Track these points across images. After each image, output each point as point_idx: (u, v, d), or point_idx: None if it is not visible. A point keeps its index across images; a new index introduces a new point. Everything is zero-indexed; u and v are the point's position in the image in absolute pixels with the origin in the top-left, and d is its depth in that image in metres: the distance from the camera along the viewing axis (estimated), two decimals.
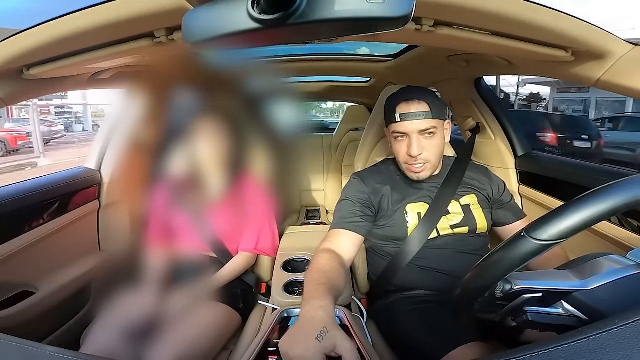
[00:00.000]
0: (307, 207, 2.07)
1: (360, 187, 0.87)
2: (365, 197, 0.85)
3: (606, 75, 0.63)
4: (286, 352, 0.45)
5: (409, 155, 0.80)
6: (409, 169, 0.83)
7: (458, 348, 0.60)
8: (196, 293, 0.83)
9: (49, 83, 0.78)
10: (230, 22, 0.35)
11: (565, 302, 0.42)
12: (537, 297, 0.43)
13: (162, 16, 0.49)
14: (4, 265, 0.87)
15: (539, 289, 0.43)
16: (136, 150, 0.65)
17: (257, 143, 0.71)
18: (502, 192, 0.89)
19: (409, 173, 0.83)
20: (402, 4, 0.34)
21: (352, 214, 0.83)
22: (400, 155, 0.83)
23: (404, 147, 0.81)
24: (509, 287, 0.43)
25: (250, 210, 0.94)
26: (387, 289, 0.88)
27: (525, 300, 0.44)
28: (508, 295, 0.44)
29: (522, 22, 0.52)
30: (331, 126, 2.54)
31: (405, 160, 0.82)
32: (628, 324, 0.27)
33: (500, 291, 0.44)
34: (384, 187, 0.86)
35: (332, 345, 0.44)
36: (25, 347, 0.33)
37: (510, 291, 0.43)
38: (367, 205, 0.85)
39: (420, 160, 0.79)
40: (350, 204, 0.85)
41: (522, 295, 0.43)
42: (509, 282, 0.43)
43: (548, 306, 0.44)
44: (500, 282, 0.44)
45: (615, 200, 0.37)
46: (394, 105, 0.80)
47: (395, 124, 0.80)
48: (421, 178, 0.83)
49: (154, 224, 0.84)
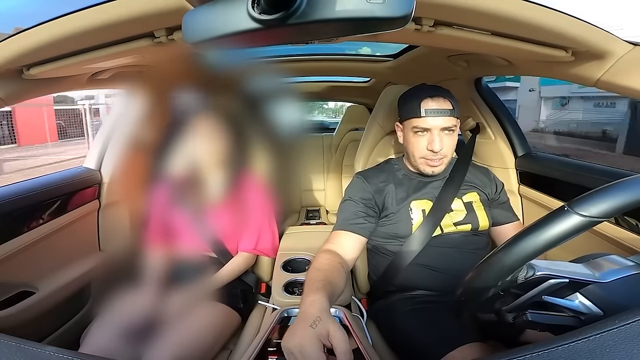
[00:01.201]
0: (307, 207, 2.07)
1: (363, 186, 0.87)
2: (368, 197, 0.85)
3: (606, 75, 0.63)
4: (286, 346, 0.46)
5: (429, 150, 0.80)
6: (425, 164, 0.83)
7: (458, 348, 0.60)
8: (196, 293, 0.83)
9: (49, 83, 0.78)
10: (230, 22, 0.35)
11: (581, 294, 0.41)
12: (562, 283, 0.41)
13: (162, 16, 0.49)
14: (3, 265, 0.87)
15: (564, 275, 0.41)
16: (136, 150, 0.65)
17: (257, 143, 0.72)
18: (499, 191, 0.90)
19: (425, 167, 0.83)
20: (402, 4, 0.34)
21: (355, 215, 0.82)
22: (417, 150, 0.82)
23: (423, 142, 0.81)
24: (532, 273, 0.42)
25: (251, 210, 0.94)
26: (387, 289, 0.88)
27: (547, 288, 0.42)
28: (529, 282, 0.42)
29: (522, 22, 0.52)
30: (331, 126, 2.53)
31: (424, 155, 0.82)
32: (628, 324, 0.27)
33: (524, 276, 0.42)
34: (388, 185, 0.86)
35: (325, 330, 0.46)
36: (25, 347, 0.33)
37: (533, 276, 0.42)
38: (371, 206, 0.85)
39: (439, 155, 0.80)
40: (354, 205, 0.84)
41: (547, 281, 0.42)
42: (532, 268, 0.42)
43: (563, 298, 0.43)
44: (525, 266, 0.42)
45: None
46: (418, 101, 0.80)
47: (418, 119, 0.80)
48: (436, 172, 0.83)
49: (154, 223, 0.84)
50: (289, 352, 0.45)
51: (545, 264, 0.42)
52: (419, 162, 0.84)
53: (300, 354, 0.44)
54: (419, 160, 0.84)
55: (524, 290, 0.45)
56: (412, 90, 0.86)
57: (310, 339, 0.45)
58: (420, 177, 0.88)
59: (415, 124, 0.81)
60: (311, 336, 0.45)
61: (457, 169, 0.89)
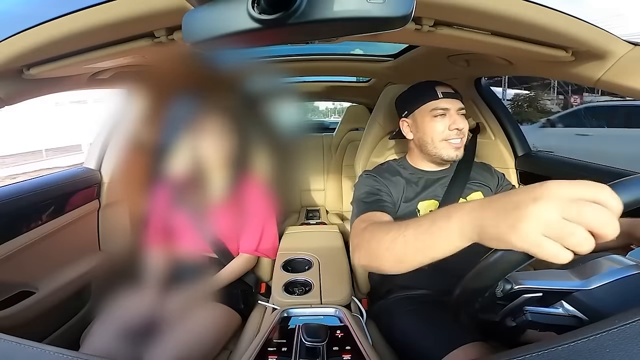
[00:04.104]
0: (307, 207, 2.07)
1: (376, 179, 0.84)
2: (385, 189, 0.82)
3: (606, 75, 0.63)
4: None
5: (452, 130, 0.80)
6: (448, 146, 0.81)
7: (458, 348, 0.60)
8: (196, 294, 0.83)
9: (49, 83, 0.78)
10: (230, 22, 0.35)
11: (566, 302, 0.42)
12: (537, 297, 0.43)
13: (162, 16, 0.49)
14: (3, 265, 0.87)
15: (539, 288, 0.42)
16: (136, 150, 0.65)
17: (257, 143, 0.72)
18: (502, 182, 0.91)
19: (448, 151, 0.81)
20: (402, 4, 0.34)
21: (378, 199, 0.77)
22: (438, 133, 0.81)
23: (444, 123, 0.80)
24: (509, 287, 0.43)
25: (251, 210, 0.94)
26: (387, 289, 0.88)
27: (525, 300, 0.44)
28: (508, 295, 0.43)
29: (522, 22, 0.52)
30: (330, 126, 2.53)
31: (446, 136, 0.81)
32: (628, 324, 0.26)
33: (501, 291, 0.44)
34: (400, 181, 0.85)
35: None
36: (25, 347, 0.33)
37: (511, 291, 0.43)
38: (389, 194, 0.82)
39: (461, 134, 0.80)
40: (370, 194, 0.79)
41: (522, 295, 0.43)
42: (509, 282, 0.43)
43: (548, 306, 0.44)
44: (501, 282, 0.43)
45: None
46: (432, 87, 0.82)
47: (437, 101, 0.80)
48: (457, 157, 0.82)
49: (155, 224, 0.84)
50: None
51: (524, 276, 0.43)
52: (440, 146, 0.82)
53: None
54: (439, 145, 0.82)
55: (508, 302, 0.45)
56: (415, 85, 0.86)
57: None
58: (426, 173, 0.87)
59: (433, 106, 0.81)
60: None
61: (461, 168, 0.88)
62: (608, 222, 0.31)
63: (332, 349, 0.65)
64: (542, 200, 0.33)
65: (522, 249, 0.34)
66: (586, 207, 0.32)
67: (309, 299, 0.87)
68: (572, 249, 0.32)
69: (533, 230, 0.33)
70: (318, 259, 1.04)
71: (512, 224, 0.34)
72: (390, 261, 0.51)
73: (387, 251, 0.51)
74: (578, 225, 0.31)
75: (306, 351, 0.64)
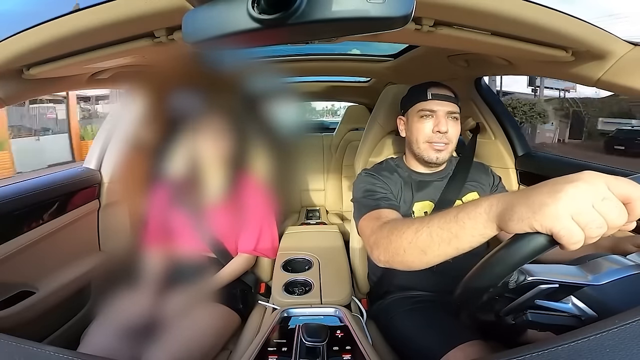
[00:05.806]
0: (307, 207, 2.07)
1: (376, 178, 0.84)
2: (386, 187, 0.82)
3: (606, 75, 0.63)
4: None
5: (435, 133, 0.80)
6: (430, 148, 0.81)
7: (458, 347, 0.60)
8: (195, 294, 0.83)
9: (49, 83, 0.78)
10: (230, 22, 0.35)
11: (575, 297, 0.42)
12: (552, 288, 0.41)
13: (162, 16, 0.49)
14: (3, 265, 0.87)
15: (555, 280, 0.41)
16: (136, 150, 0.65)
17: (257, 143, 0.71)
18: (497, 184, 0.90)
19: (429, 153, 0.81)
20: (402, 4, 0.34)
21: (384, 197, 0.77)
22: (422, 134, 0.81)
23: (429, 125, 0.80)
24: (523, 278, 0.42)
25: (250, 210, 0.94)
26: (387, 289, 0.88)
27: (538, 293, 0.42)
28: (521, 287, 0.42)
29: (522, 22, 0.52)
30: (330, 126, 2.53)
31: (429, 138, 0.81)
32: (628, 324, 0.26)
33: (515, 281, 0.42)
34: (397, 180, 0.85)
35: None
36: (25, 347, 0.33)
37: (524, 282, 0.42)
38: (390, 191, 0.81)
39: (444, 139, 0.80)
40: (374, 192, 0.78)
41: (538, 286, 0.42)
42: (523, 273, 0.42)
43: (557, 301, 0.43)
44: (515, 273, 0.42)
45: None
46: (424, 88, 0.82)
47: (425, 102, 0.81)
48: (440, 159, 0.82)
49: (154, 224, 0.84)
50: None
51: (537, 269, 0.42)
52: (422, 147, 0.82)
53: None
54: (422, 146, 0.82)
55: (517, 295, 0.44)
56: (415, 85, 0.87)
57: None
58: (421, 175, 0.87)
59: (421, 107, 0.81)
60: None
61: (460, 169, 0.88)
62: (621, 225, 0.32)
63: (332, 349, 0.65)
64: (580, 182, 0.33)
65: (547, 229, 0.33)
66: (618, 205, 0.32)
67: (309, 299, 0.87)
68: (586, 239, 0.32)
69: (565, 210, 0.32)
70: (318, 259, 1.04)
71: (545, 201, 0.33)
72: (414, 254, 0.50)
73: (410, 244, 0.50)
74: (604, 219, 0.32)
75: (306, 351, 0.64)
